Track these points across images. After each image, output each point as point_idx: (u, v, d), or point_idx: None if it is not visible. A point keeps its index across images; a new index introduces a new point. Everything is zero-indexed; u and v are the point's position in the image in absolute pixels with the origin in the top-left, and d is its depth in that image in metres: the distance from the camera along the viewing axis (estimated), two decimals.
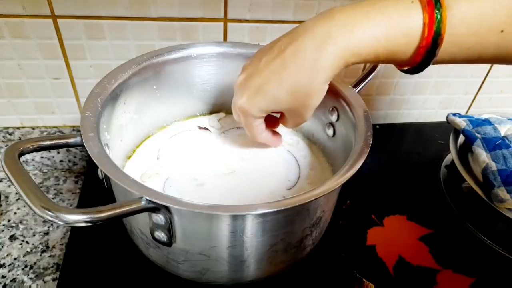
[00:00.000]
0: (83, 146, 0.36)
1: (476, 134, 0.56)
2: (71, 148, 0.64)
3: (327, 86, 0.37)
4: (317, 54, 0.34)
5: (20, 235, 0.54)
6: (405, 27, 0.32)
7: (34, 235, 0.54)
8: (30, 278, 0.49)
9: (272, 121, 0.46)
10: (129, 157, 0.49)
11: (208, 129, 0.54)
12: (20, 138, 0.62)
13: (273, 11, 0.57)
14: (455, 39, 0.32)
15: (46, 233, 0.54)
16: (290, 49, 0.35)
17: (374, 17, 0.33)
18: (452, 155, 0.56)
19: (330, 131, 0.50)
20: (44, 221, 0.56)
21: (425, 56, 0.33)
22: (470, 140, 0.56)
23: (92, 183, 0.54)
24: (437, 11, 0.31)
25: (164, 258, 0.40)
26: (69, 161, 0.65)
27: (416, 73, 0.36)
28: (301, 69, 0.35)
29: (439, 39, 0.32)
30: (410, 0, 0.32)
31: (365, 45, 0.33)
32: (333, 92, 0.46)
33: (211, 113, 0.57)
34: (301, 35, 0.35)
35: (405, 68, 0.36)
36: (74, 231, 0.50)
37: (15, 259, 0.51)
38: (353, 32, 0.33)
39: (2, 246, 0.52)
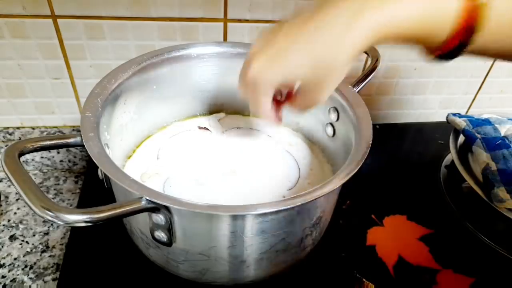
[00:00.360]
0: (83, 146, 0.36)
1: (476, 134, 0.56)
2: (71, 148, 0.64)
3: (350, 66, 0.34)
4: (347, 26, 0.31)
5: (20, 235, 0.54)
6: (443, 7, 0.30)
7: (34, 235, 0.54)
8: (30, 278, 0.49)
9: (276, 103, 0.43)
10: (129, 157, 0.49)
11: (208, 129, 0.54)
12: (20, 138, 0.62)
13: (273, 11, 0.57)
14: (495, 27, 0.30)
15: (46, 233, 0.54)
16: (318, 17, 0.33)
17: None
18: (452, 155, 0.56)
19: (330, 131, 0.50)
20: (44, 221, 0.56)
21: (460, 41, 0.31)
22: (470, 140, 0.56)
23: (92, 183, 0.54)
24: None
25: (164, 258, 0.40)
26: (69, 161, 0.65)
27: (444, 61, 0.33)
28: (328, 38, 0.32)
29: (477, 24, 0.29)
30: None
31: (398, 23, 0.31)
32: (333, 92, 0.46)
33: (211, 113, 0.57)
34: (330, 5, 0.32)
35: (434, 54, 0.34)
36: (74, 231, 0.50)
37: (15, 259, 0.51)
38: (388, 8, 0.31)
39: (2, 246, 0.52)
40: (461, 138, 0.59)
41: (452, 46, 0.32)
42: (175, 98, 0.53)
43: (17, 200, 0.59)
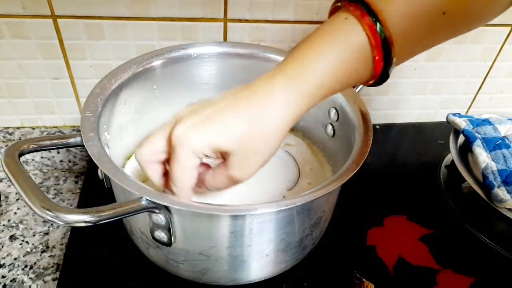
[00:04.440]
0: (83, 146, 0.36)
1: (476, 134, 0.56)
2: (71, 148, 0.64)
3: (285, 135, 0.33)
4: (284, 97, 0.31)
5: (20, 235, 0.54)
6: (354, 48, 0.30)
7: (34, 235, 0.54)
8: (30, 278, 0.49)
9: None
10: (129, 157, 0.49)
11: None
12: (20, 138, 0.62)
13: (273, 11, 0.57)
14: (404, 35, 0.30)
15: (46, 233, 0.54)
16: (251, 93, 0.32)
17: (323, 55, 0.31)
18: (452, 155, 0.56)
19: (330, 131, 0.50)
20: (44, 221, 0.56)
21: (383, 65, 0.31)
22: (470, 140, 0.56)
23: (92, 183, 0.54)
24: (373, 19, 0.29)
25: (164, 258, 0.40)
26: (69, 161, 0.65)
27: (383, 82, 0.34)
28: (264, 107, 0.32)
29: (388, 43, 0.30)
30: (344, 17, 0.30)
31: (326, 87, 0.31)
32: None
33: None
34: (262, 81, 0.32)
35: (370, 82, 0.34)
36: (74, 231, 0.50)
37: (15, 259, 0.51)
38: (314, 78, 0.31)
39: (2, 246, 0.52)
40: (461, 138, 0.59)
41: (379, 71, 0.32)
42: (175, 98, 0.53)
43: (17, 200, 0.59)
